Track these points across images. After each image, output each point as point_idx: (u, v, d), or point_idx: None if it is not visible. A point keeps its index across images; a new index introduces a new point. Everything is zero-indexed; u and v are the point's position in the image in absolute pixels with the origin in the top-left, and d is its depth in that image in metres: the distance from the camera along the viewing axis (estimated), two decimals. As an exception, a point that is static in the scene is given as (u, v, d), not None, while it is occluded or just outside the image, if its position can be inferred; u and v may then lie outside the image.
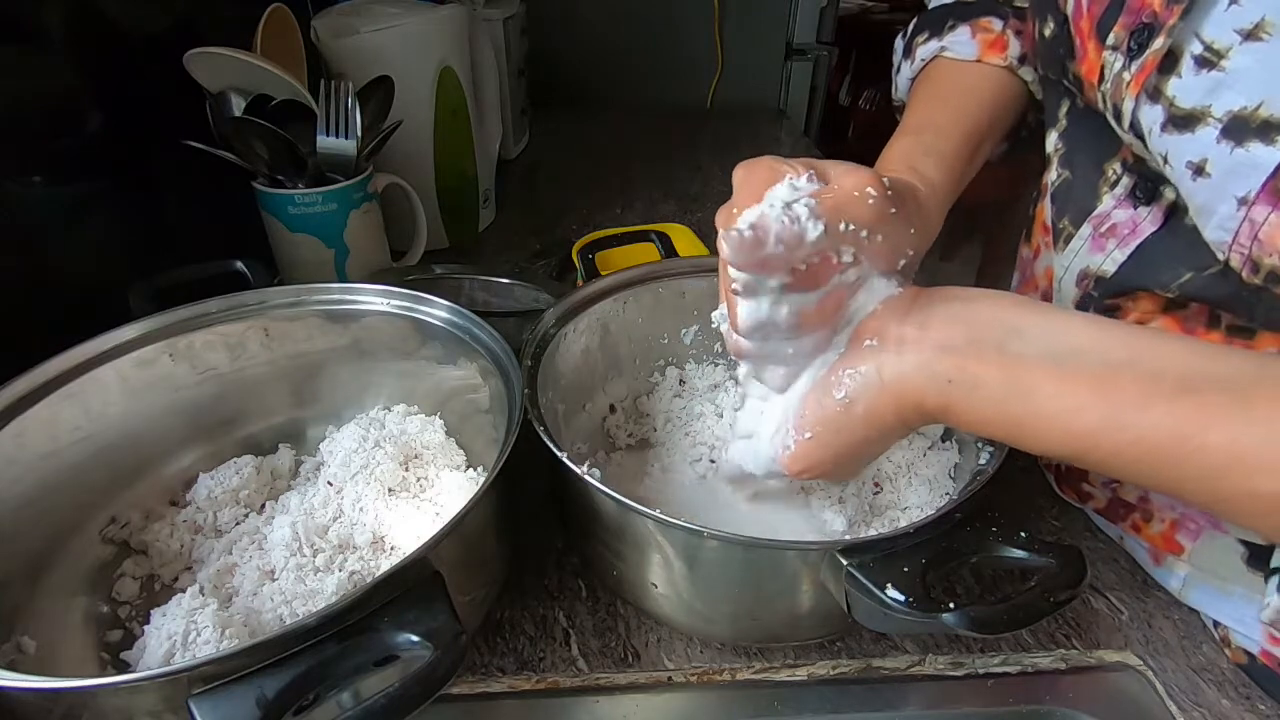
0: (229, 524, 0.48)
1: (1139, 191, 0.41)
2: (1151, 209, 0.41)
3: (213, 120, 0.64)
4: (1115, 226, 0.43)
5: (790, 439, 0.38)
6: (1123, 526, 0.49)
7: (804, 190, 0.34)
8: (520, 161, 1.13)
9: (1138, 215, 0.41)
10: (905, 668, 0.45)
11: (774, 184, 0.35)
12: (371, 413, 0.54)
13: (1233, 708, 0.42)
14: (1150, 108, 0.36)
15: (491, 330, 0.48)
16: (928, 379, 0.34)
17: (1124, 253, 0.42)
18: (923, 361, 0.34)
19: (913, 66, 0.55)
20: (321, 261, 0.67)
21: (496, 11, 0.97)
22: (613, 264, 0.74)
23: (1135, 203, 0.42)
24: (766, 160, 0.36)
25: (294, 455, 0.53)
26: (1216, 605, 0.45)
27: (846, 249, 0.35)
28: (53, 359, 0.44)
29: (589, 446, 0.54)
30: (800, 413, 0.38)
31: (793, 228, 0.33)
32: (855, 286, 0.37)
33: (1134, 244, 0.41)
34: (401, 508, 0.47)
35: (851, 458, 0.38)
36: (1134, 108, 0.37)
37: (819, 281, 0.35)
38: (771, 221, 0.33)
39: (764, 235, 0.32)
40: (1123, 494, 0.48)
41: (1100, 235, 0.43)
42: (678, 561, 0.40)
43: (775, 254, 0.33)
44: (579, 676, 0.44)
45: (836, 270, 0.35)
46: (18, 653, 0.37)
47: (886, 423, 0.36)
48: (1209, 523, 0.43)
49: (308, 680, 0.30)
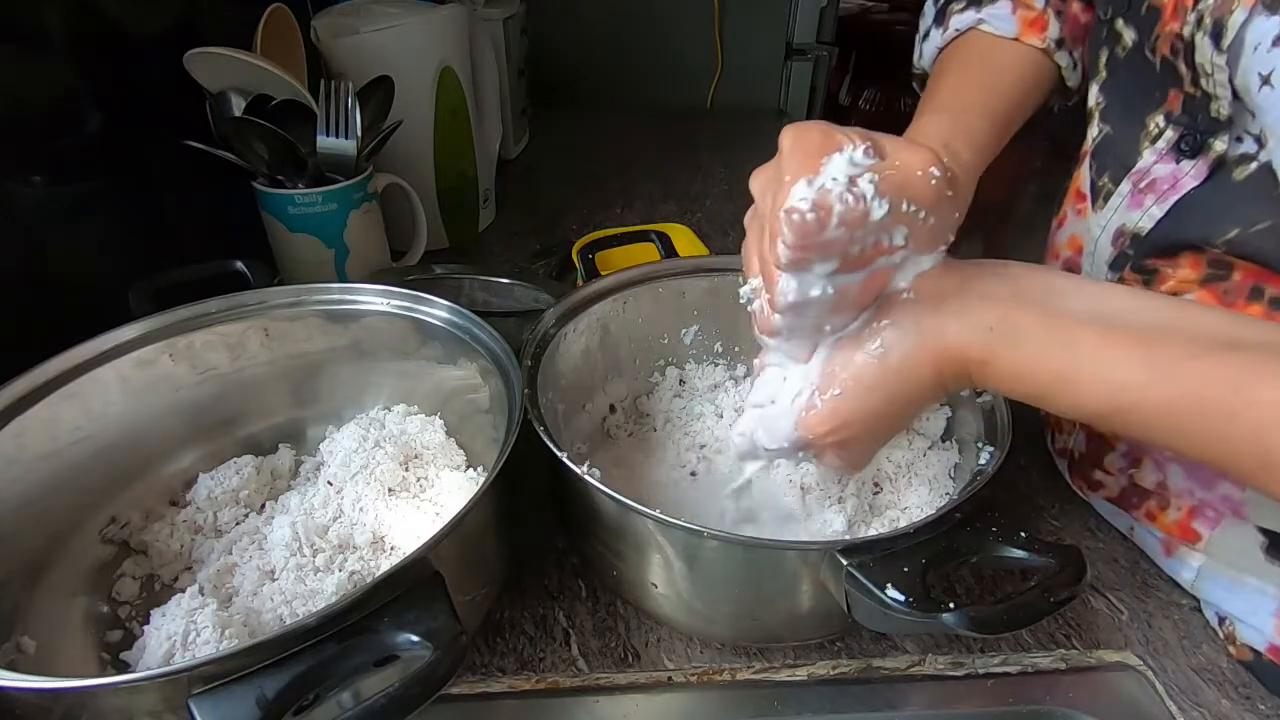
0: (229, 524, 0.48)
1: (1184, 144, 0.40)
2: (1196, 163, 0.40)
3: (213, 120, 0.64)
4: (1155, 182, 0.41)
5: (816, 398, 0.37)
6: (1135, 515, 0.48)
7: (863, 165, 0.32)
8: (520, 161, 1.13)
9: (1179, 170, 0.40)
10: (905, 668, 0.45)
11: (828, 153, 0.32)
12: (371, 413, 0.54)
13: (1233, 708, 0.42)
14: (1266, 19, 0.33)
15: (491, 330, 0.48)
16: (969, 328, 0.33)
17: (1161, 208, 0.41)
18: (964, 310, 0.34)
19: (944, 35, 0.52)
20: (321, 261, 0.67)
21: (496, 11, 0.97)
22: (613, 264, 0.74)
23: (1179, 156, 0.40)
24: (819, 126, 0.34)
25: (294, 455, 0.53)
26: (1229, 598, 0.45)
27: (900, 232, 0.33)
28: (53, 359, 0.44)
29: (589, 446, 0.54)
30: (828, 370, 0.36)
31: (858, 208, 0.31)
32: (898, 268, 0.35)
33: (1173, 199, 0.40)
34: (401, 508, 0.47)
35: (879, 420, 0.37)
36: (1244, 21, 0.33)
37: (866, 264, 0.34)
38: (834, 200, 0.31)
39: (826, 217, 0.30)
40: (1139, 479, 0.47)
41: (1139, 191, 0.42)
42: (678, 561, 0.40)
43: (836, 237, 0.31)
44: (579, 676, 0.43)
45: (885, 253, 0.34)
46: (18, 653, 0.37)
47: (923, 378, 0.35)
48: (1230, 509, 0.42)
49: (308, 680, 0.30)
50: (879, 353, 0.35)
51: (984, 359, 0.33)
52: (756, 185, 0.36)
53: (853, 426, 0.37)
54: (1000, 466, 0.41)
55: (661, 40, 1.31)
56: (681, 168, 1.10)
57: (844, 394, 0.36)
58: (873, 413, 0.36)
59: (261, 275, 0.59)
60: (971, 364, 0.34)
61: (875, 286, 0.35)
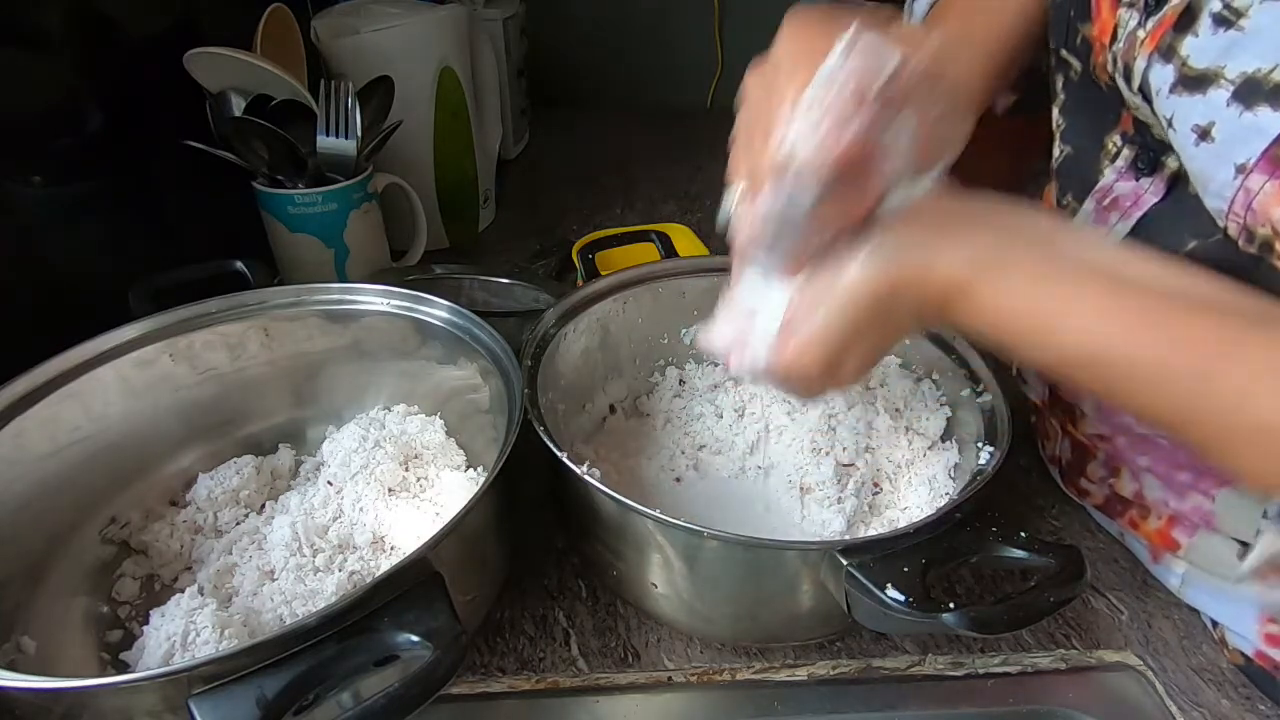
0: (229, 524, 0.48)
1: (1140, 163, 0.41)
2: (1154, 179, 0.40)
3: (213, 120, 0.64)
4: (1118, 199, 0.42)
5: (797, 326, 0.35)
6: (1121, 523, 0.49)
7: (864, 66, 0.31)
8: (520, 161, 1.13)
9: (1140, 186, 0.41)
10: (905, 668, 0.45)
11: (828, 50, 0.31)
12: (371, 413, 0.54)
13: (1233, 708, 0.42)
14: (1162, 67, 0.35)
15: (491, 330, 0.48)
16: (955, 256, 0.33)
17: (1127, 225, 0.41)
18: (953, 238, 0.33)
19: None
20: (321, 261, 0.67)
21: (496, 11, 0.97)
22: (613, 264, 0.74)
23: (1137, 174, 0.41)
24: (818, 20, 0.33)
25: (294, 455, 0.53)
26: (1214, 604, 0.45)
27: (905, 130, 0.32)
28: (53, 359, 0.44)
29: (589, 447, 0.54)
30: (808, 295, 0.35)
31: (859, 113, 0.30)
32: (895, 184, 0.34)
33: (1136, 215, 0.41)
34: (401, 508, 0.47)
35: (855, 346, 0.35)
36: (1145, 67, 0.35)
37: (865, 167, 0.32)
38: (833, 107, 0.30)
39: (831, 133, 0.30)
40: (1119, 489, 0.48)
41: (1103, 209, 0.43)
42: (678, 561, 0.40)
43: (834, 140, 0.30)
44: (579, 676, 0.43)
45: (880, 161, 0.33)
46: (18, 653, 0.37)
47: (903, 303, 0.34)
48: (1201, 520, 0.43)
49: (308, 680, 0.31)
50: (863, 276, 0.34)
51: (965, 290, 0.33)
52: (752, 84, 0.35)
53: (830, 353, 0.35)
54: (1000, 466, 0.41)
55: (661, 40, 1.31)
56: (681, 168, 1.10)
57: (822, 319, 0.35)
58: (850, 339, 0.35)
59: (261, 275, 0.59)
60: (952, 294, 0.33)
61: (869, 197, 0.34)
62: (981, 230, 0.34)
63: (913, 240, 0.34)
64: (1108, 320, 0.31)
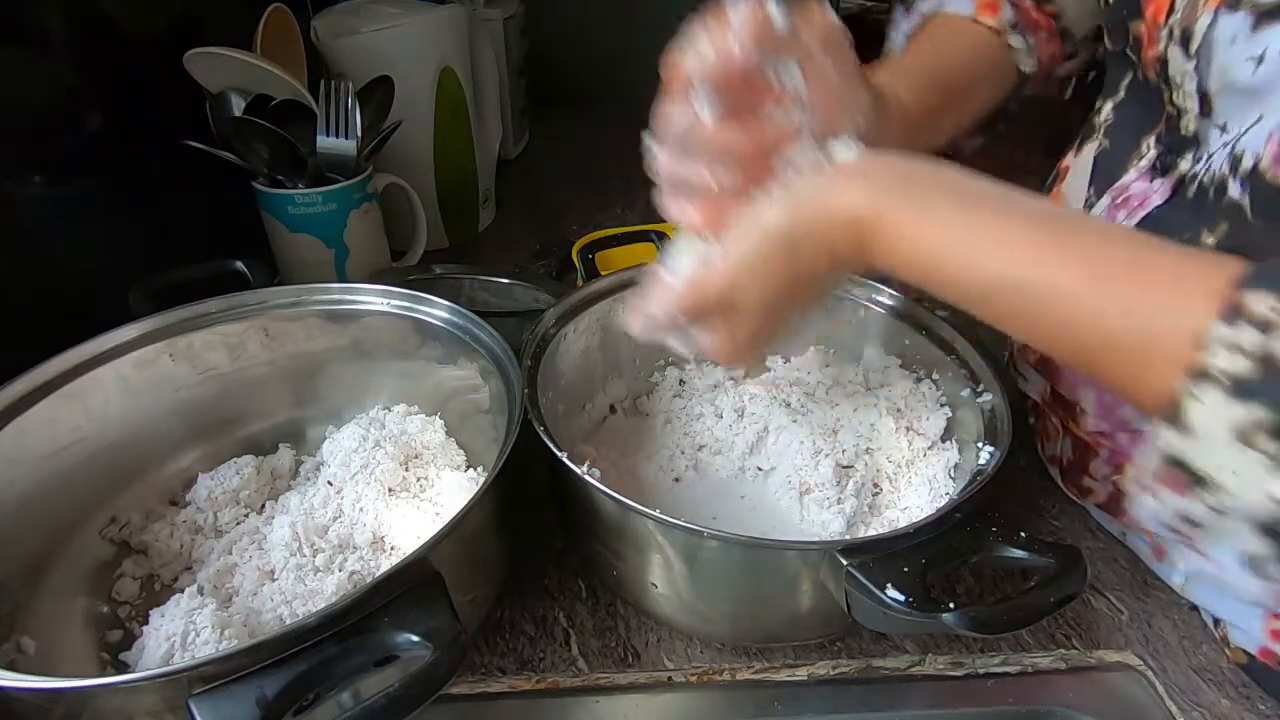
0: (229, 524, 0.48)
1: (1159, 164, 0.42)
2: (1164, 181, 0.41)
3: (213, 120, 0.64)
4: (1129, 198, 0.43)
5: (713, 259, 0.36)
6: (1124, 521, 0.49)
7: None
8: (520, 161, 1.13)
9: (1150, 188, 0.42)
10: (905, 668, 0.45)
11: None
12: (371, 413, 0.54)
13: (1233, 708, 0.42)
14: (1230, 17, 0.35)
15: (491, 330, 0.48)
16: (858, 185, 0.34)
17: (1130, 223, 0.43)
18: (861, 174, 0.34)
19: (910, 23, 0.55)
20: (321, 261, 0.67)
21: (496, 11, 0.96)
22: (613, 264, 0.74)
23: (1153, 175, 0.42)
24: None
25: (294, 455, 0.53)
26: (1217, 601, 0.45)
27: (792, 68, 0.36)
28: (53, 359, 0.44)
29: (589, 446, 0.54)
30: (726, 240, 0.37)
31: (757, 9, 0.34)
32: (791, 134, 0.37)
33: (1140, 215, 0.42)
34: (401, 508, 0.47)
35: (769, 294, 0.36)
36: (1210, 24, 0.36)
37: (754, 101, 0.36)
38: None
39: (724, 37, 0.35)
40: (1123, 486, 0.48)
41: (1115, 206, 0.44)
42: (678, 561, 0.40)
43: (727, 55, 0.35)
44: (579, 676, 0.43)
45: (775, 98, 0.37)
46: (18, 653, 0.37)
47: (811, 240, 0.35)
48: None
49: (308, 680, 0.31)
50: (768, 212, 0.35)
51: (877, 225, 0.33)
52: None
53: (740, 295, 0.36)
54: (1000, 466, 0.41)
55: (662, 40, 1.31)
56: (681, 168, 1.10)
57: (731, 254, 0.36)
58: (762, 284, 0.36)
59: (261, 275, 0.59)
60: (865, 232, 0.34)
61: (769, 130, 0.37)
62: (885, 170, 0.35)
63: (820, 183, 0.36)
64: (1026, 247, 0.31)
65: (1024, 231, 0.31)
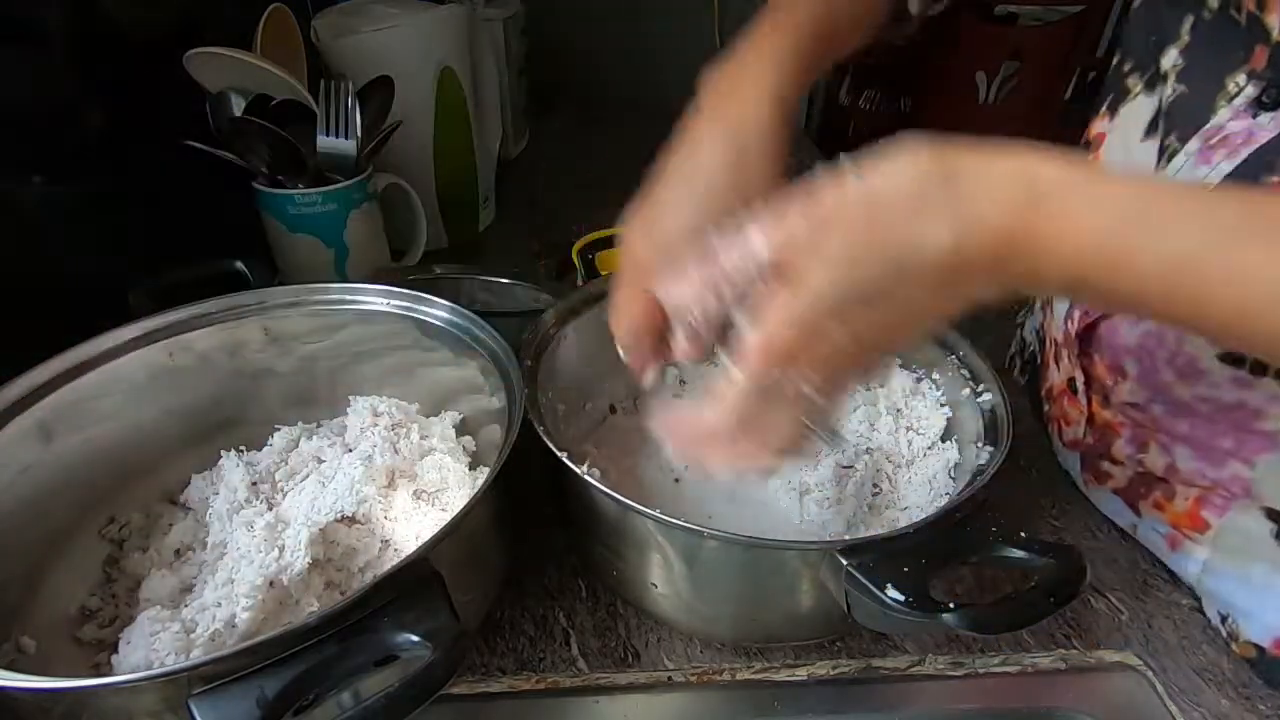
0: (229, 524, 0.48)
1: (1265, 97, 0.40)
2: (1275, 115, 0.39)
3: (213, 120, 0.64)
4: (1228, 138, 0.41)
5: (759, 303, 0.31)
6: (1143, 506, 0.48)
7: None
8: (520, 161, 1.13)
9: (1256, 124, 0.40)
10: (905, 668, 0.45)
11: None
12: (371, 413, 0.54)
13: (1233, 708, 0.42)
14: None
15: (491, 330, 0.48)
16: (1027, 173, 0.27)
17: (1231, 163, 0.40)
18: (1013, 157, 0.28)
19: None
20: (321, 261, 0.67)
21: (496, 11, 0.96)
22: (613, 264, 0.73)
23: (1256, 111, 0.40)
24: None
25: (294, 455, 0.53)
26: (1235, 591, 0.45)
27: None
28: (53, 359, 0.44)
29: (589, 446, 0.54)
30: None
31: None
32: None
33: (1245, 153, 0.40)
34: (401, 507, 0.47)
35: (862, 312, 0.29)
36: None
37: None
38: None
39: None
40: (1148, 464, 0.47)
41: (1209, 148, 0.42)
42: (678, 561, 0.40)
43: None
44: (579, 676, 0.43)
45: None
46: (18, 653, 0.37)
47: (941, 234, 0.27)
48: (1241, 489, 0.42)
49: (308, 680, 0.30)
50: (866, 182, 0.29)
51: (1046, 204, 0.27)
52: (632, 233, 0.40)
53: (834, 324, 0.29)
54: (1000, 466, 0.41)
55: (662, 40, 1.31)
56: (681, 168, 1.10)
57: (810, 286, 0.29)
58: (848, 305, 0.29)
59: (261, 275, 0.59)
60: (1038, 212, 0.27)
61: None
62: (1041, 152, 0.28)
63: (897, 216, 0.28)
64: (1199, 222, 0.26)
65: (1190, 202, 0.27)
